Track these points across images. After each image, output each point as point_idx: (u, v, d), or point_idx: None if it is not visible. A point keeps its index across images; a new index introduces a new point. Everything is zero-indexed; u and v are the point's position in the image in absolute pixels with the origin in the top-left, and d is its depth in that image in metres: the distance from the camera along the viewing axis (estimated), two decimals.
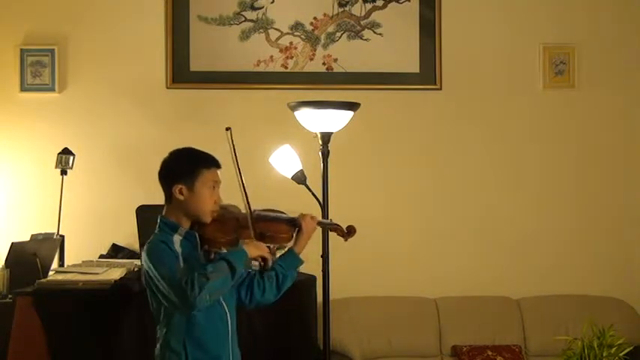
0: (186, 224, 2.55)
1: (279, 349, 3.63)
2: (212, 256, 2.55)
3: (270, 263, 2.60)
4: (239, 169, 2.61)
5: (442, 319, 4.71)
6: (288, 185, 3.74)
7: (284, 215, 2.76)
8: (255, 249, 2.55)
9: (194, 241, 2.54)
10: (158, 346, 2.54)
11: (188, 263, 2.46)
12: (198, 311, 2.41)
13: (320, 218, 2.82)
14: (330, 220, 2.93)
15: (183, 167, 2.56)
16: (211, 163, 2.58)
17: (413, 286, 4.81)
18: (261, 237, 2.61)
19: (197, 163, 2.56)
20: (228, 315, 2.56)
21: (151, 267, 2.44)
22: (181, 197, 2.52)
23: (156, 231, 2.54)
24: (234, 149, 2.62)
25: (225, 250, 2.59)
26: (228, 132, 2.64)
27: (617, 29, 4.99)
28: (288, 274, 2.69)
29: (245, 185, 2.61)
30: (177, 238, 2.51)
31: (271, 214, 2.73)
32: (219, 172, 2.60)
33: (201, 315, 2.46)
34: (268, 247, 2.61)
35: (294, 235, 2.72)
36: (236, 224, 2.61)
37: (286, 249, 2.75)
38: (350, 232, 2.87)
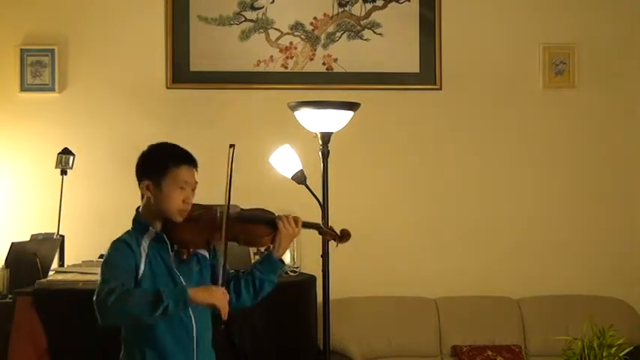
0: (157, 224, 2.43)
1: (279, 349, 3.64)
2: (184, 256, 2.43)
3: (224, 316, 2.29)
4: (230, 186, 2.43)
5: (442, 319, 4.71)
6: (288, 185, 3.74)
7: (264, 216, 2.57)
8: (200, 294, 2.27)
9: (164, 242, 2.42)
10: (122, 352, 2.44)
11: (150, 269, 2.36)
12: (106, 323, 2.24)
13: (303, 219, 2.59)
14: (323, 222, 2.74)
15: (153, 163, 2.46)
16: (183, 160, 2.44)
17: (413, 286, 4.81)
18: (235, 239, 2.48)
19: (167, 160, 2.44)
20: (193, 323, 2.40)
21: (101, 267, 2.34)
22: (148, 194, 2.43)
23: (129, 228, 2.45)
24: (231, 167, 2.44)
25: (203, 252, 2.48)
26: (231, 149, 2.44)
27: (617, 29, 4.99)
28: (265, 279, 2.52)
29: (230, 193, 2.44)
30: (146, 239, 2.40)
31: (250, 214, 2.55)
32: (194, 171, 2.46)
33: (162, 322, 2.32)
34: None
35: (274, 237, 2.53)
36: (210, 225, 2.45)
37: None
38: (343, 236, 2.69)
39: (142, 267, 2.35)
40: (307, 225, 2.62)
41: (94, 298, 2.23)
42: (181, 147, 2.50)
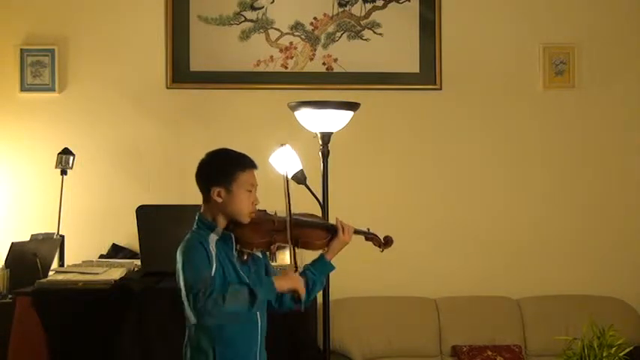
0: (222, 224, 2.57)
1: (279, 349, 3.63)
2: (245, 257, 2.58)
3: (303, 297, 2.62)
4: (290, 208, 2.65)
5: (442, 319, 4.71)
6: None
7: (320, 221, 2.79)
8: (287, 282, 2.58)
9: (230, 242, 2.56)
10: (186, 343, 2.55)
11: (221, 266, 2.49)
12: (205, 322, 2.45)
13: (356, 227, 2.82)
14: (368, 229, 2.91)
15: (220, 170, 2.57)
16: (247, 165, 2.60)
17: (413, 286, 4.81)
18: (295, 242, 2.64)
19: (234, 166, 2.58)
20: (258, 316, 2.58)
21: (180, 266, 2.46)
22: (219, 199, 2.55)
23: (193, 228, 2.57)
24: (289, 197, 2.67)
25: (258, 253, 2.63)
26: (285, 181, 2.69)
27: (617, 29, 4.99)
28: (317, 280, 2.70)
29: (290, 198, 2.66)
30: (213, 238, 2.53)
31: (308, 219, 2.76)
32: (255, 172, 2.62)
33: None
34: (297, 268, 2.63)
35: (329, 241, 2.73)
36: (272, 227, 2.63)
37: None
38: (387, 242, 2.91)
39: (214, 265, 2.48)
40: (358, 232, 2.85)
41: (189, 302, 2.40)
42: (240, 152, 2.65)
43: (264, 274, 2.68)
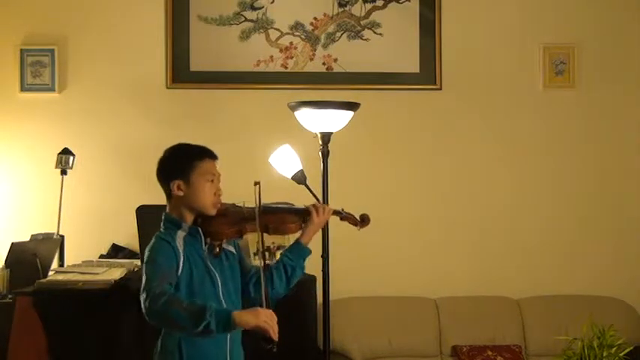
0: (189, 219, 2.52)
1: (279, 349, 3.63)
2: (216, 250, 2.53)
3: (275, 334, 2.32)
4: (259, 194, 2.58)
5: (442, 319, 4.71)
6: (288, 185, 3.73)
7: (291, 206, 2.73)
8: (246, 316, 2.29)
9: (198, 236, 2.52)
10: (157, 343, 2.52)
11: (189, 263, 2.45)
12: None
13: (333, 208, 2.78)
14: (342, 209, 2.89)
15: (178, 163, 2.54)
16: (205, 154, 2.56)
17: (413, 286, 4.81)
18: (265, 229, 2.59)
19: (190, 157, 2.54)
20: None
21: (144, 267, 2.43)
22: (180, 193, 2.51)
23: (161, 229, 2.53)
24: (259, 201, 2.58)
25: (230, 248, 2.59)
26: (257, 187, 2.57)
27: (617, 29, 4.99)
28: (296, 265, 2.66)
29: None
30: (180, 234, 2.49)
31: (279, 205, 2.71)
32: (216, 163, 2.57)
33: None
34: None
35: (302, 225, 2.68)
36: (240, 217, 2.58)
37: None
38: (363, 220, 2.88)
39: (182, 262, 2.44)
40: (336, 212, 2.82)
41: (142, 297, 2.31)
42: (198, 144, 2.61)
43: (238, 268, 2.63)
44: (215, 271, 2.52)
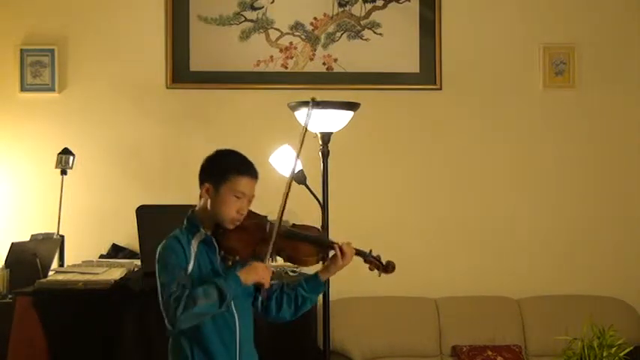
0: (208, 225, 2.48)
1: (279, 349, 3.63)
2: (230, 263, 2.49)
3: (267, 287, 2.46)
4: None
5: (442, 319, 4.71)
6: None
7: (313, 235, 2.62)
8: (249, 275, 2.42)
9: (212, 246, 2.47)
10: (170, 341, 2.50)
11: (199, 267, 2.43)
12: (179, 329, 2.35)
13: (356, 247, 2.67)
14: (370, 250, 2.75)
15: (216, 167, 2.50)
16: (245, 171, 2.49)
17: (413, 286, 4.80)
18: (278, 253, 2.54)
19: (229, 167, 2.48)
20: (237, 322, 2.47)
21: (157, 267, 2.41)
22: (206, 197, 2.47)
23: (182, 227, 2.49)
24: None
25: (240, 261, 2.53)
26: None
27: (617, 29, 4.99)
28: (307, 298, 2.61)
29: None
30: (196, 239, 2.46)
31: (300, 232, 2.59)
32: (254, 183, 2.50)
33: (208, 322, 2.41)
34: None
35: (325, 258, 2.61)
36: (259, 237, 2.51)
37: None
38: (387, 268, 2.73)
39: (191, 265, 2.42)
40: (359, 253, 2.69)
41: (162, 306, 2.33)
42: (247, 157, 2.55)
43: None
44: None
